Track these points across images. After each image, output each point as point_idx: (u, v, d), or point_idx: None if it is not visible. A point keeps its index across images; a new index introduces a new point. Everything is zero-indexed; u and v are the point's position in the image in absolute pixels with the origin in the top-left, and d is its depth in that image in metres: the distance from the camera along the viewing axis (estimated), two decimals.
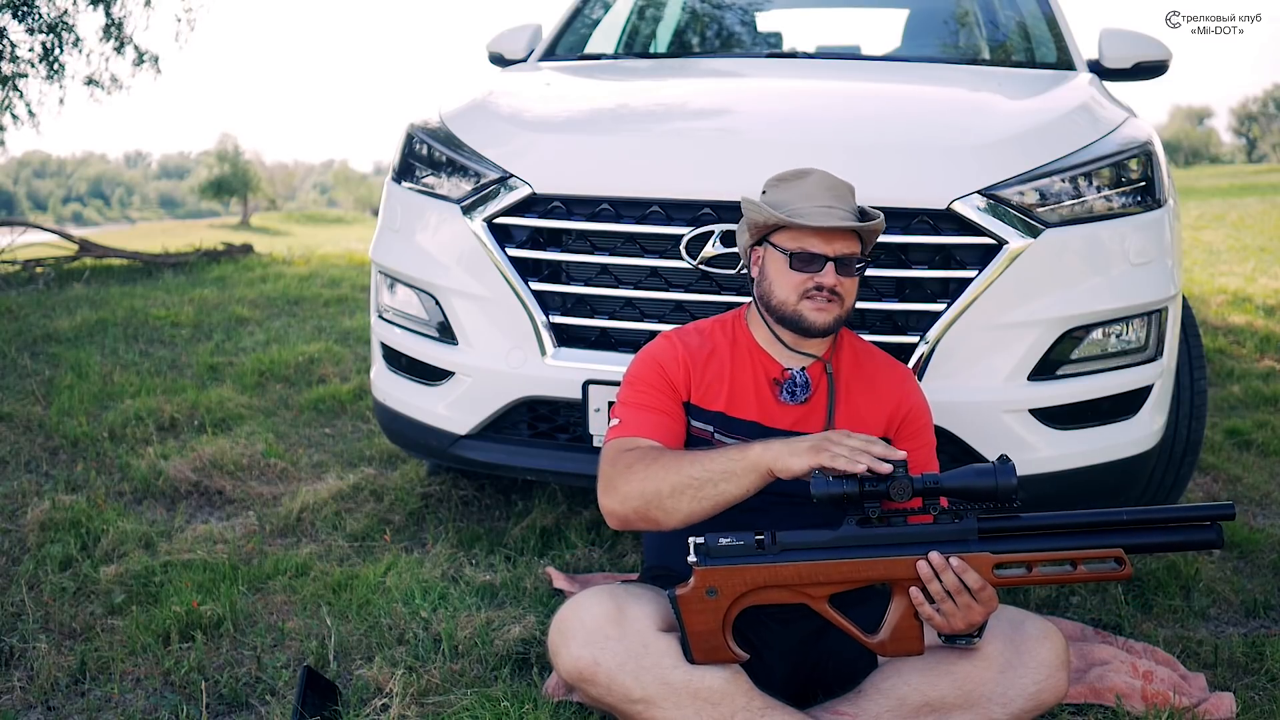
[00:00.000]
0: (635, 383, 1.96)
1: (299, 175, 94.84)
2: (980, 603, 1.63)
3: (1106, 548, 1.60)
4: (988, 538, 1.63)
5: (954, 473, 1.61)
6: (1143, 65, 3.38)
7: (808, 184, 1.91)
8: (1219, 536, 1.59)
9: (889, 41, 3.89)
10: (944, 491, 1.61)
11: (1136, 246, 2.41)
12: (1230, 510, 1.58)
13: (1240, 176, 34.46)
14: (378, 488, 3.22)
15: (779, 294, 1.90)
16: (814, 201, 1.89)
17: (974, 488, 1.60)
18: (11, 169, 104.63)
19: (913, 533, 1.65)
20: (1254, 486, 3.37)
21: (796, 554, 1.66)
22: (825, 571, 1.65)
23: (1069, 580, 1.63)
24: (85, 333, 5.37)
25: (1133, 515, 1.61)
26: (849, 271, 1.89)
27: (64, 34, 8.85)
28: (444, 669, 2.09)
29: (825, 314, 1.88)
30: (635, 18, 4.18)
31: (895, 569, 1.64)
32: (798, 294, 1.88)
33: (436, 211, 2.61)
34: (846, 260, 1.89)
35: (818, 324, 1.89)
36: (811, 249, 1.87)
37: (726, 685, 1.71)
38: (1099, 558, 1.60)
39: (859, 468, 1.59)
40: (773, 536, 1.67)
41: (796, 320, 1.90)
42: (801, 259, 1.87)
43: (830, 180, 1.92)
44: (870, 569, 1.64)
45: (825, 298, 1.87)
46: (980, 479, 1.59)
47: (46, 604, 2.43)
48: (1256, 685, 2.14)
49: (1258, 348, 5.32)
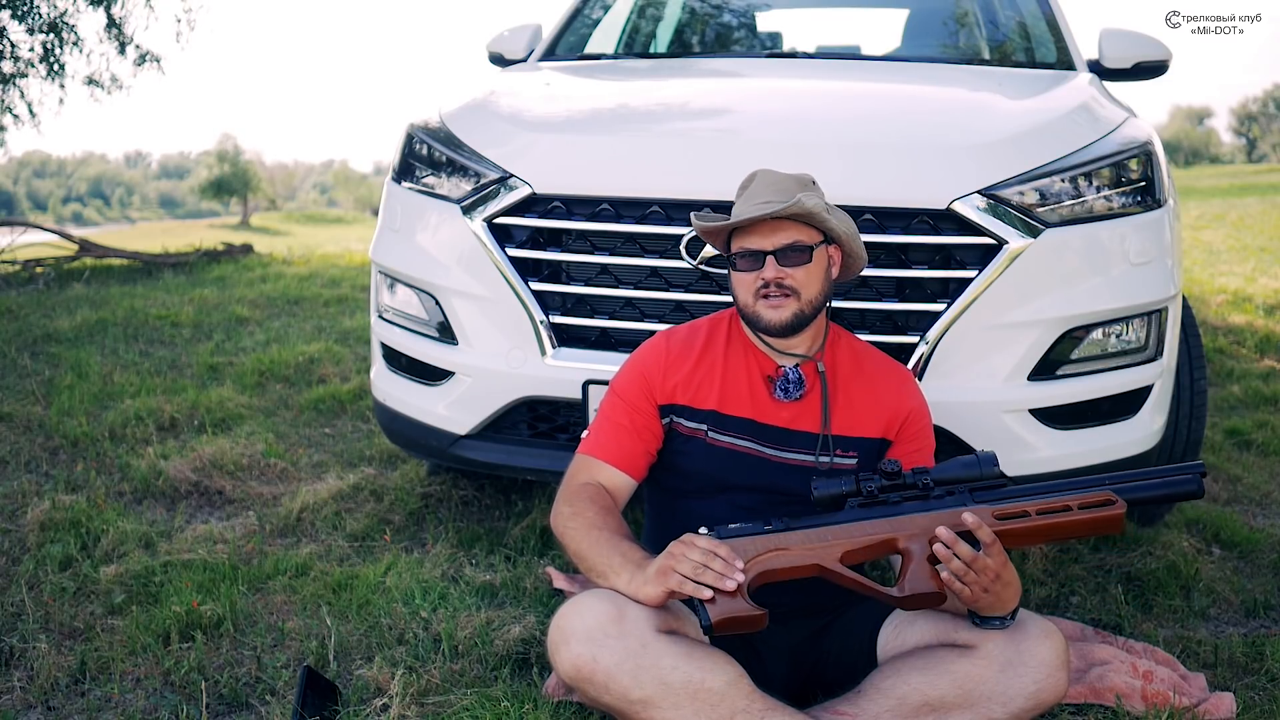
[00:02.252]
0: (617, 392, 2.02)
1: (299, 175, 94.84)
2: (993, 558, 1.66)
3: (1096, 489, 1.70)
4: (984, 501, 1.74)
5: (941, 466, 1.76)
6: (1143, 65, 3.39)
7: (752, 187, 1.95)
8: (1199, 487, 1.70)
9: (889, 41, 3.89)
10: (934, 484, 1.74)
11: (1136, 246, 2.41)
12: (1200, 467, 1.72)
13: (1240, 176, 34.45)
14: (378, 488, 3.22)
15: (740, 298, 1.95)
16: (753, 200, 1.91)
17: (961, 478, 1.74)
18: (11, 169, 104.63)
19: (913, 506, 1.74)
20: (1254, 486, 3.37)
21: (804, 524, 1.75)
22: (833, 535, 1.72)
23: (1068, 524, 1.69)
24: (85, 333, 5.37)
25: (1115, 479, 1.73)
26: (794, 261, 1.89)
27: (64, 34, 8.85)
28: (444, 669, 2.09)
29: (780, 310, 1.89)
30: (635, 18, 4.18)
31: (902, 527, 1.71)
32: (752, 295, 1.91)
33: (436, 211, 2.61)
34: (787, 250, 1.89)
35: (774, 322, 1.90)
36: (750, 246, 1.90)
37: (726, 685, 1.71)
38: (1092, 502, 1.69)
39: (705, 593, 1.65)
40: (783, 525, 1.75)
41: (755, 320, 1.92)
42: (744, 259, 1.91)
43: (773, 177, 1.94)
44: (876, 530, 1.72)
45: (776, 293, 1.88)
46: (966, 470, 1.74)
47: (46, 604, 2.43)
48: (1256, 685, 2.14)
49: (1258, 348, 5.32)
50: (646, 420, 1.99)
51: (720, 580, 1.65)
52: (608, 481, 1.97)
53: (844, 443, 1.97)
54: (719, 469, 1.97)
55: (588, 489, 1.94)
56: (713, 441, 1.97)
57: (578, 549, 1.86)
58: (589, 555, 1.83)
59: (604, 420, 2.01)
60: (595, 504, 1.90)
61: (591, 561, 1.83)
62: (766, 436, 1.96)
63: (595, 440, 2.00)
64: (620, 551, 1.80)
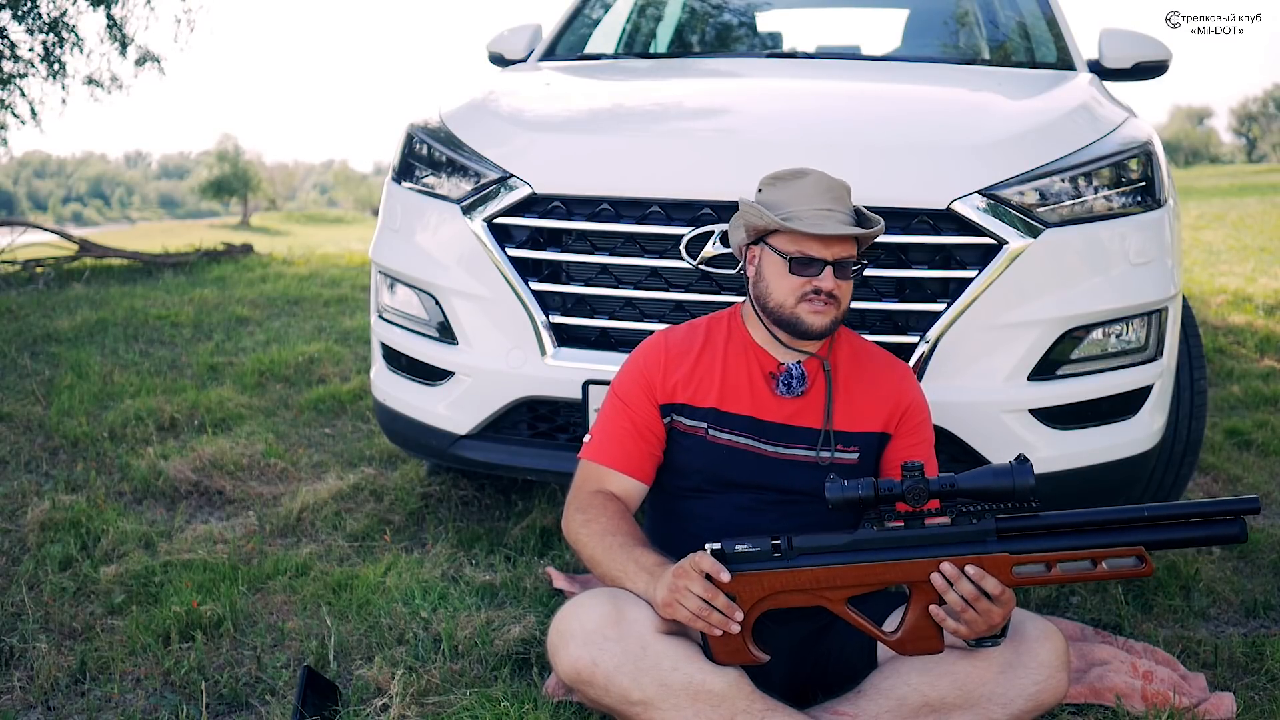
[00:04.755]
0: (618, 394, 2.02)
1: (299, 175, 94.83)
2: (999, 605, 1.62)
3: (1127, 545, 1.57)
4: (1006, 537, 1.61)
5: (970, 473, 1.61)
6: (1143, 65, 3.38)
7: (805, 185, 1.91)
8: (1242, 531, 1.54)
9: (889, 41, 3.89)
10: (960, 493, 1.61)
11: (1136, 246, 2.41)
12: (1255, 503, 1.54)
13: (1240, 176, 34.45)
14: (378, 488, 3.21)
15: (776, 296, 1.91)
16: (812, 204, 1.89)
17: (991, 488, 1.59)
18: (11, 169, 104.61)
19: (930, 534, 1.63)
20: (1254, 486, 3.37)
21: (813, 558, 1.66)
22: (842, 575, 1.65)
23: (1090, 578, 1.60)
24: (85, 333, 5.37)
25: (1154, 512, 1.58)
26: (846, 274, 1.90)
27: (64, 34, 8.85)
28: (444, 669, 2.09)
29: (823, 316, 1.89)
30: (635, 17, 4.18)
31: (913, 571, 1.63)
32: (795, 297, 1.89)
33: (436, 211, 2.61)
34: (844, 263, 1.89)
35: (815, 327, 1.90)
36: (810, 253, 1.88)
37: (727, 687, 1.71)
38: (1120, 555, 1.57)
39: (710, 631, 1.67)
40: (789, 541, 1.67)
41: (794, 323, 1.90)
42: (800, 263, 1.88)
43: (828, 181, 1.92)
44: (887, 572, 1.64)
45: (823, 301, 1.88)
46: (997, 480, 1.58)
47: (46, 604, 2.43)
48: (1256, 685, 2.14)
49: (1258, 348, 5.31)
50: (649, 422, 1.99)
51: (724, 624, 1.66)
52: (618, 488, 1.97)
53: (844, 438, 1.98)
54: (719, 466, 1.97)
55: (599, 496, 1.95)
56: (713, 439, 1.97)
57: (592, 555, 1.86)
58: (603, 562, 1.84)
59: (607, 424, 2.00)
60: (607, 510, 1.91)
61: (606, 568, 1.84)
62: (766, 433, 1.96)
63: (601, 446, 1.99)
64: (634, 558, 1.80)
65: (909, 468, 1.61)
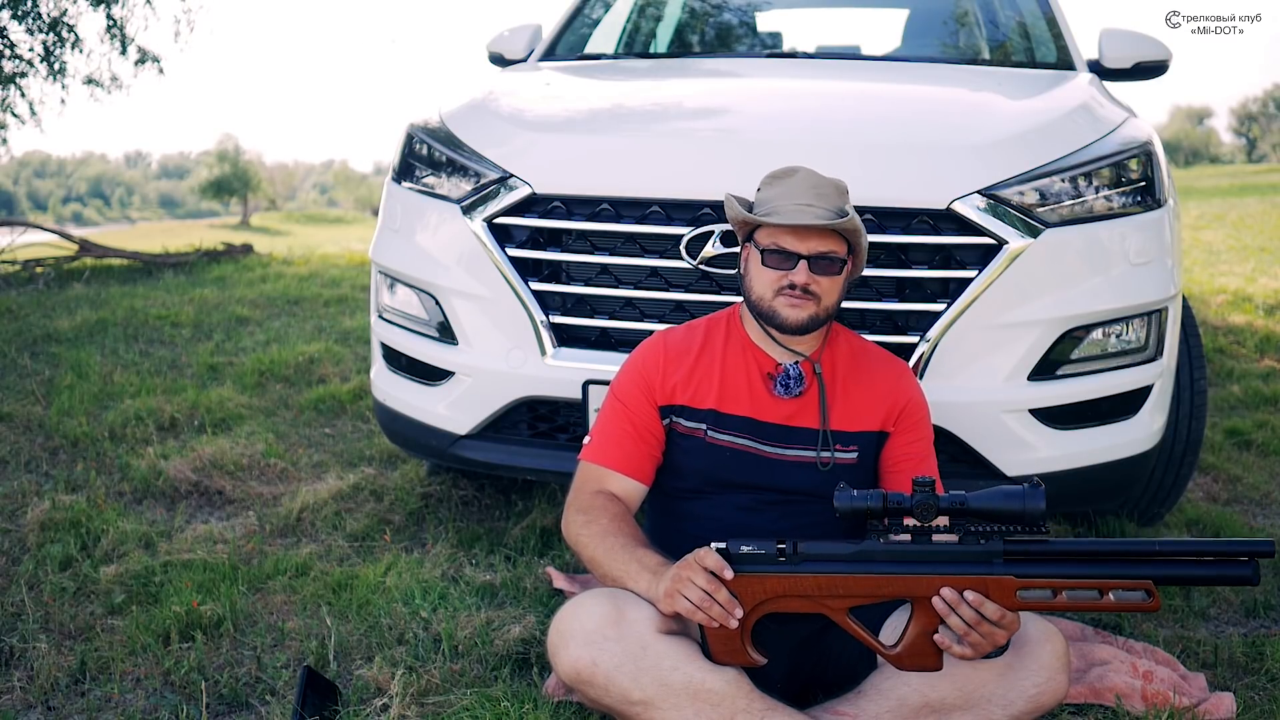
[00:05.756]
0: (617, 396, 2.02)
1: (299, 175, 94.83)
2: (1002, 628, 1.61)
3: (1136, 578, 1.54)
4: (1014, 560, 1.59)
5: (981, 493, 1.58)
6: (1143, 65, 3.38)
7: (792, 182, 1.93)
8: (1255, 573, 1.51)
9: (889, 41, 3.89)
10: (970, 512, 1.58)
11: (1136, 246, 2.41)
12: (1269, 546, 1.50)
13: (1240, 176, 34.43)
14: (378, 488, 3.21)
15: (756, 289, 1.94)
16: (794, 199, 1.90)
17: (1000, 510, 1.56)
18: (11, 169, 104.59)
19: (936, 551, 1.61)
20: (1254, 486, 3.37)
21: (817, 565, 1.65)
22: (845, 585, 1.65)
23: (1096, 608, 1.57)
24: (85, 333, 5.37)
25: (1166, 546, 1.55)
26: (825, 270, 1.90)
27: (64, 34, 8.85)
28: (444, 669, 2.09)
29: (799, 311, 1.90)
30: (635, 17, 4.18)
31: (916, 587, 1.62)
32: (772, 290, 1.91)
33: (436, 211, 2.61)
34: (823, 258, 1.89)
35: (791, 320, 1.90)
36: (785, 246, 1.89)
37: (727, 687, 1.71)
38: (1128, 588, 1.55)
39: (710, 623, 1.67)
40: (794, 546, 1.66)
41: (771, 316, 1.92)
42: (774, 256, 1.90)
43: (815, 179, 1.93)
44: (890, 585, 1.63)
45: (799, 295, 1.89)
46: (1008, 501, 1.55)
47: (46, 604, 2.43)
48: (1256, 685, 2.14)
49: (1258, 348, 5.31)
50: (648, 423, 1.99)
51: (724, 617, 1.66)
52: (618, 489, 1.97)
53: (843, 437, 1.98)
54: (718, 467, 1.97)
55: (599, 497, 1.95)
56: (712, 440, 1.97)
57: (593, 556, 1.87)
58: (605, 562, 1.84)
59: (607, 426, 2.01)
60: (608, 511, 1.91)
61: (607, 568, 1.84)
62: (765, 434, 1.96)
63: (600, 447, 2.00)
64: (636, 558, 1.81)
65: (920, 482, 1.59)
